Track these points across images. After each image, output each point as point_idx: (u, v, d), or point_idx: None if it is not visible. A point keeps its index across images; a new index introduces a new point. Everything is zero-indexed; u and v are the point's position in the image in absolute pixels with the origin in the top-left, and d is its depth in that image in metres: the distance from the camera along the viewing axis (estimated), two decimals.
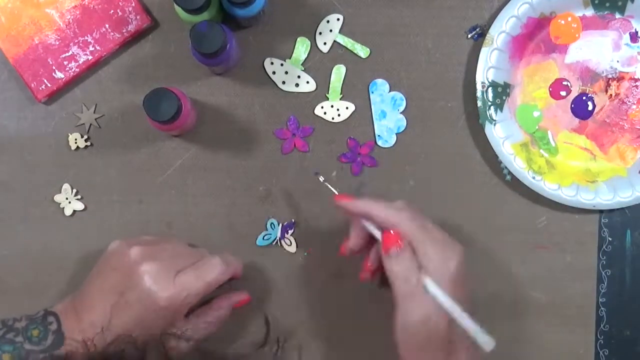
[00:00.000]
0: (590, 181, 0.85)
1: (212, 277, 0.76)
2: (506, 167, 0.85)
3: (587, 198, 0.84)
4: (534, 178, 0.84)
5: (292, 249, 0.86)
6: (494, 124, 0.84)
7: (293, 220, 0.86)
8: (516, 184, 0.85)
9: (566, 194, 0.84)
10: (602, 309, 0.86)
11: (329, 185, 0.80)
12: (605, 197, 0.84)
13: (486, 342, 0.70)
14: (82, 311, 0.75)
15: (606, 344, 0.86)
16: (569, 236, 0.86)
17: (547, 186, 0.84)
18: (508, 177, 0.86)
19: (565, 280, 0.86)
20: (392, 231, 0.72)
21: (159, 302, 0.73)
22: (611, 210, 0.86)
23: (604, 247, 0.86)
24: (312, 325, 0.86)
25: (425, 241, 0.71)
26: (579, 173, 0.85)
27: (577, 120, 0.86)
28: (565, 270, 0.86)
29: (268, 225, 0.86)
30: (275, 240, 0.86)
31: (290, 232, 0.85)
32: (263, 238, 0.86)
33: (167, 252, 0.77)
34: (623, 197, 0.84)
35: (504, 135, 0.84)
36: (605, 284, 0.86)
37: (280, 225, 0.85)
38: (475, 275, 0.85)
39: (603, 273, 0.86)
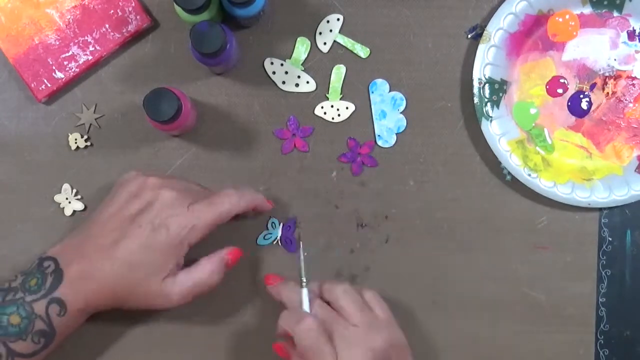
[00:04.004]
0: (585, 179, 0.85)
1: (225, 207, 0.77)
2: (506, 167, 0.85)
3: (582, 196, 0.84)
4: (529, 175, 0.84)
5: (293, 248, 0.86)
6: (491, 121, 0.84)
7: (294, 219, 0.86)
8: (516, 184, 0.85)
9: (562, 192, 0.84)
10: (602, 309, 0.86)
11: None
12: (600, 196, 0.84)
13: None
14: (88, 238, 0.75)
15: (606, 344, 0.86)
16: (569, 236, 0.86)
17: (543, 183, 0.84)
18: (508, 177, 0.86)
19: (565, 280, 0.86)
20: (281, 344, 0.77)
21: (171, 227, 0.75)
22: (611, 210, 0.86)
23: (604, 247, 0.86)
24: None
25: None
26: (575, 171, 0.85)
27: (573, 118, 0.86)
28: (565, 270, 0.86)
29: (269, 225, 0.85)
30: (276, 240, 0.85)
31: (291, 232, 0.85)
32: (264, 237, 0.85)
33: (182, 185, 0.79)
34: (618, 195, 0.84)
35: (500, 132, 0.84)
36: (605, 283, 0.86)
37: (281, 224, 0.85)
38: (476, 276, 0.86)
39: (603, 273, 0.86)
